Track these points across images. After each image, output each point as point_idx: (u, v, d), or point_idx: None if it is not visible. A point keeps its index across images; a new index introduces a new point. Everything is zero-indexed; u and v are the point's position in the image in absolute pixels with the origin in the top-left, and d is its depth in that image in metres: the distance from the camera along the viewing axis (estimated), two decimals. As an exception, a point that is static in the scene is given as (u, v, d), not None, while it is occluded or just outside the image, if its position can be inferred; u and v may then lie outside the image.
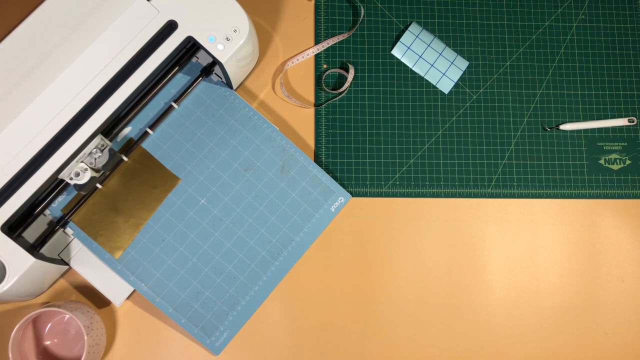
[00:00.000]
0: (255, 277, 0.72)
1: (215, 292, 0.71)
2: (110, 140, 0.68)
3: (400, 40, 0.80)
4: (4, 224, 0.61)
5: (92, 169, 0.66)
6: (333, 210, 0.75)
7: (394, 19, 0.82)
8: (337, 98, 0.79)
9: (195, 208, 0.72)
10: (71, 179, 0.64)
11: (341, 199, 0.75)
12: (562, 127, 0.80)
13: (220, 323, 0.71)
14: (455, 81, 0.81)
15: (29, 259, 0.61)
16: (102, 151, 0.67)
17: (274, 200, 0.74)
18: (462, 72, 0.81)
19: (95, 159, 0.66)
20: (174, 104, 0.72)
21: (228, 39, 0.66)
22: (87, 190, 0.69)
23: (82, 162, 0.65)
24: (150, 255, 0.71)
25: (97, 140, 0.65)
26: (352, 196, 0.77)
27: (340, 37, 0.80)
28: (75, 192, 0.70)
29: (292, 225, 0.74)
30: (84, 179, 0.65)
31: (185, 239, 0.72)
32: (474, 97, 0.81)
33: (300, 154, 0.75)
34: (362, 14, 0.81)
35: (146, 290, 0.70)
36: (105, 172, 0.69)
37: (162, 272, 0.71)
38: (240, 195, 0.73)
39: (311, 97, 0.79)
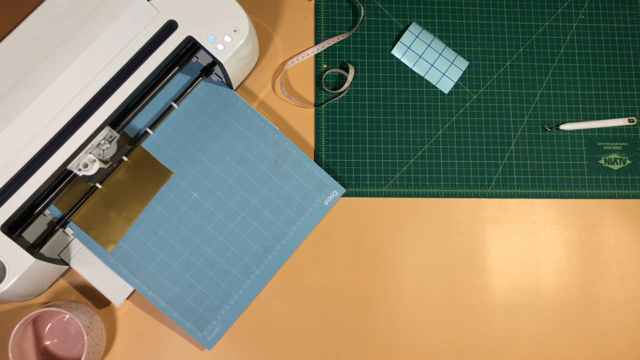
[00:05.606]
0: (248, 271, 0.72)
1: (207, 286, 0.71)
2: (119, 132, 0.68)
3: (400, 40, 0.80)
4: (4, 224, 0.61)
5: (101, 160, 0.66)
6: (327, 204, 0.75)
7: (394, 19, 0.82)
8: (337, 98, 0.79)
9: (187, 201, 0.72)
10: (80, 170, 0.65)
11: (335, 193, 0.75)
12: (562, 127, 0.80)
13: (212, 317, 0.71)
14: (455, 81, 0.81)
15: (29, 259, 0.61)
16: (110, 142, 0.67)
17: (267, 194, 0.74)
18: (462, 72, 0.81)
19: (103, 150, 0.66)
20: (174, 104, 0.72)
21: (228, 39, 0.66)
22: (95, 182, 0.69)
23: (90, 153, 0.65)
24: (143, 249, 0.71)
25: (106, 131, 0.65)
26: (353, 196, 0.77)
27: (340, 37, 0.80)
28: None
29: (285, 219, 0.74)
30: (92, 170, 0.65)
31: (178, 232, 0.72)
32: (474, 97, 0.81)
33: (293, 147, 0.75)
34: (362, 14, 0.81)
35: (138, 283, 0.70)
36: (113, 164, 0.69)
37: (154, 265, 0.70)
38: (233, 189, 0.73)
39: (311, 97, 0.79)
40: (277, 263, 0.73)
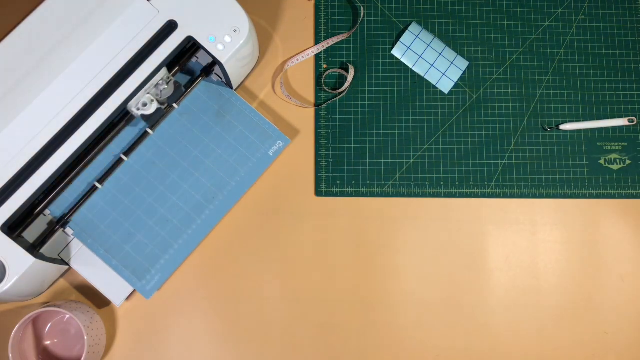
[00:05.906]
0: (189, 220, 0.72)
1: (147, 235, 0.71)
2: (174, 76, 0.69)
3: (400, 40, 0.80)
4: (4, 224, 0.61)
5: (158, 101, 0.67)
6: (271, 154, 0.75)
7: (394, 19, 0.82)
8: (337, 98, 0.79)
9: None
10: (138, 109, 0.66)
11: (279, 143, 0.75)
12: (562, 127, 0.80)
13: (151, 266, 0.71)
14: (455, 81, 0.81)
15: (29, 259, 0.61)
16: (167, 84, 0.68)
17: (209, 145, 0.74)
18: (462, 72, 0.81)
19: (161, 91, 0.68)
20: (174, 104, 0.72)
21: (228, 39, 0.66)
22: (152, 123, 0.71)
23: (148, 93, 0.66)
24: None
25: (163, 72, 0.67)
26: (353, 196, 0.77)
27: (340, 37, 0.80)
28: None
29: (228, 169, 0.74)
30: (151, 109, 0.66)
31: (119, 181, 0.72)
32: (474, 97, 0.81)
33: (237, 98, 0.75)
34: (362, 14, 0.81)
35: (79, 231, 0.70)
36: (168, 106, 0.70)
37: (95, 213, 0.71)
38: (175, 139, 0.73)
39: (311, 97, 0.79)
40: (219, 213, 0.73)
